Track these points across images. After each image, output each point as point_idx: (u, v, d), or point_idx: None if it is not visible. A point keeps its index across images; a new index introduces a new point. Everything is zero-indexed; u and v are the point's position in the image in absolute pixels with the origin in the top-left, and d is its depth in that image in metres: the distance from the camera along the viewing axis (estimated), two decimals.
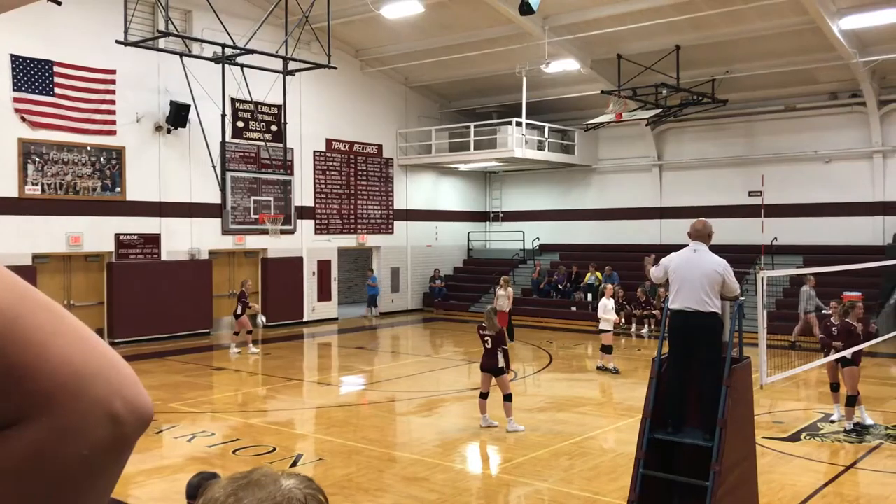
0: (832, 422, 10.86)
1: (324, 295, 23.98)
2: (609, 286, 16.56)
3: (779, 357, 10.80)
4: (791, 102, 22.93)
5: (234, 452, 9.61)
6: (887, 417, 11.26)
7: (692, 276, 6.00)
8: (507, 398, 10.69)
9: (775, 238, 22.29)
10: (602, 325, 15.22)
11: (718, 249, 8.36)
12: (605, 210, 26.63)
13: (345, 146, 24.49)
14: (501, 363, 10.60)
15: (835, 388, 10.99)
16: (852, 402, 10.43)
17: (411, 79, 25.91)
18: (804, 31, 19.06)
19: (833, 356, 10.51)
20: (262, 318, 16.94)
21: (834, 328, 10.75)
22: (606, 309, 15.19)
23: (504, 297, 19.04)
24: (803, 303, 17.99)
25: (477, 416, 11.10)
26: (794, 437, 10.22)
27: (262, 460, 9.25)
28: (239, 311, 17.49)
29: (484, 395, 10.85)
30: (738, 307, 6.00)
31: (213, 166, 18.52)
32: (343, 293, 26.14)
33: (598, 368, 15.34)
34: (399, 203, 26.37)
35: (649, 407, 5.82)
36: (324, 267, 23.95)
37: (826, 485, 8.30)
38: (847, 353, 10.28)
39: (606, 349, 15.17)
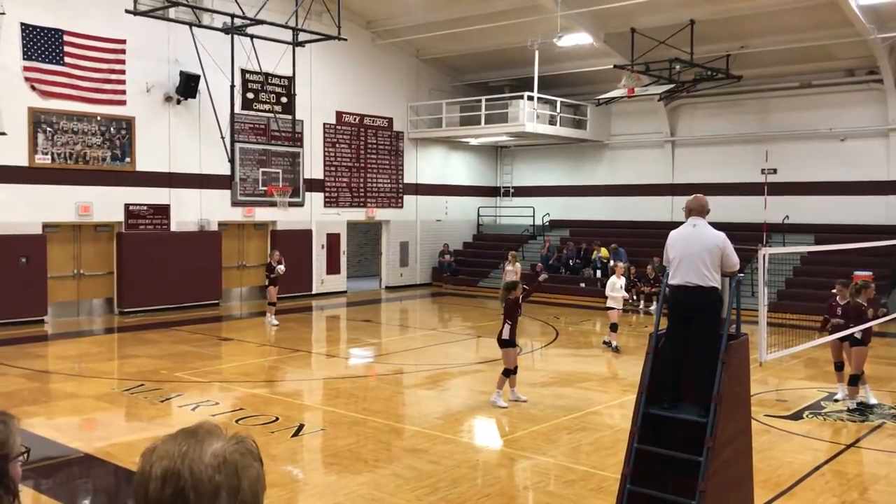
0: (836, 401, 10.83)
1: (333, 268, 24.05)
2: (620, 264, 16.50)
3: (785, 335, 10.73)
4: (806, 79, 22.62)
5: (237, 422, 9.69)
6: (893, 397, 11.20)
7: (692, 251, 5.95)
8: (504, 372, 10.63)
9: (787, 216, 22.10)
10: (609, 303, 15.20)
11: (730, 227, 8.32)
12: (616, 186, 26.47)
13: (355, 119, 24.40)
14: (507, 335, 10.58)
15: (839, 367, 10.94)
16: (855, 381, 10.39)
17: (423, 51, 25.72)
18: (821, 6, 18.75)
19: (838, 334, 10.45)
20: (280, 268, 17.73)
21: (839, 308, 10.69)
22: (615, 287, 15.17)
23: (512, 272, 18.99)
24: None
25: (481, 388, 11.11)
26: (797, 416, 10.19)
27: (265, 430, 9.32)
28: (266, 283, 18.19)
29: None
30: (736, 283, 5.95)
31: (223, 137, 18.51)
32: (353, 266, 26.19)
33: (604, 343, 15.34)
34: (409, 177, 26.30)
35: (645, 382, 5.81)
36: (333, 240, 23.98)
37: (825, 463, 8.29)
38: (856, 331, 10.21)
39: (612, 326, 15.17)
